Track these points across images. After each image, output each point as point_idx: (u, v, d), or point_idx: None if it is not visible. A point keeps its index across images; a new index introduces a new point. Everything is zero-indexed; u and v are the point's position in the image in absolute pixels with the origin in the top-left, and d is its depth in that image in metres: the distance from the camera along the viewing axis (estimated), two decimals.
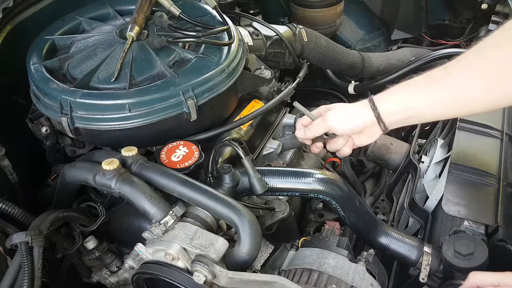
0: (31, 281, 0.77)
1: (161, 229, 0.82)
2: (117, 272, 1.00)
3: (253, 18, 1.44)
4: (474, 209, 0.94)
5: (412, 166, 1.27)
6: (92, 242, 0.97)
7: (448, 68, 0.83)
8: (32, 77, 0.99)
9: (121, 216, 0.98)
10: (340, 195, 0.96)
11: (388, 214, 1.36)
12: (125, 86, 0.94)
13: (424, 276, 0.89)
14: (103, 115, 0.92)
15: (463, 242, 0.87)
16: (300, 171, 0.96)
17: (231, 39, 1.07)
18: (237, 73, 1.05)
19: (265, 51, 1.34)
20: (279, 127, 1.26)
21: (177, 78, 0.96)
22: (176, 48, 1.04)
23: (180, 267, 0.79)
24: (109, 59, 1.00)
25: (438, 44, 2.01)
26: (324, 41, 1.54)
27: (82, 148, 1.11)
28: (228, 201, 0.84)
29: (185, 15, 1.08)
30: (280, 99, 1.16)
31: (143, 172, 0.88)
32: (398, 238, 0.96)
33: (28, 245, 0.80)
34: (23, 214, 0.90)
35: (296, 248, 0.96)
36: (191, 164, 0.91)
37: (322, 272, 0.85)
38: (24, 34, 1.11)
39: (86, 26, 1.13)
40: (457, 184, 1.00)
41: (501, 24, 0.77)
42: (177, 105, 0.94)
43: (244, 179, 0.95)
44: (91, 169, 0.88)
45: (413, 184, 1.20)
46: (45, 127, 1.05)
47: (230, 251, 0.82)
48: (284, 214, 1.03)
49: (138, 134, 0.95)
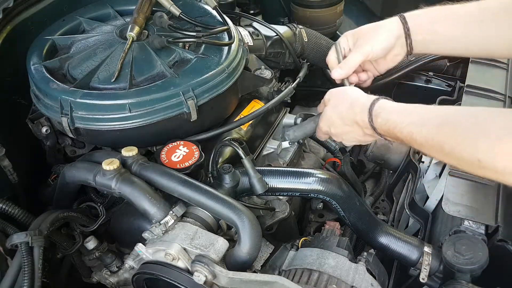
0: (31, 281, 0.77)
1: (161, 229, 0.82)
2: (117, 272, 1.00)
3: (253, 18, 1.44)
4: (474, 209, 0.94)
5: (412, 166, 1.27)
6: (92, 242, 0.97)
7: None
8: (32, 77, 0.99)
9: (122, 216, 0.98)
10: (340, 195, 0.96)
11: (388, 214, 1.36)
12: (125, 86, 0.94)
13: (424, 276, 0.89)
14: (103, 115, 0.92)
15: (463, 242, 0.87)
16: (300, 171, 0.96)
17: (231, 39, 1.07)
18: (237, 73, 1.05)
19: (265, 51, 1.34)
20: (279, 127, 1.26)
21: (177, 78, 0.96)
22: (176, 48, 1.04)
23: (180, 267, 0.79)
24: (109, 59, 1.00)
25: None
26: (324, 41, 1.53)
27: (82, 148, 1.11)
28: (228, 201, 0.84)
29: (185, 15, 1.08)
30: (280, 99, 1.16)
31: (143, 172, 0.88)
32: (398, 238, 0.96)
33: (28, 245, 0.80)
34: (23, 214, 0.90)
35: (296, 248, 0.96)
36: (191, 164, 0.91)
37: (322, 272, 0.85)
38: (24, 34, 1.11)
39: (86, 26, 1.13)
40: (457, 184, 0.99)
41: None
42: (177, 105, 0.94)
43: (244, 179, 0.95)
44: (91, 169, 0.88)
45: (413, 184, 1.20)
46: (45, 127, 1.05)
47: (230, 251, 0.82)
48: (284, 214, 1.03)
49: (138, 134, 0.95)
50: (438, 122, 0.76)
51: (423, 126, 0.78)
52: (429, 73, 1.64)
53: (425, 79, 1.64)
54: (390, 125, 0.83)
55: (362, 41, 1.02)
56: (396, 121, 0.83)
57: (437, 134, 0.75)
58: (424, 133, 0.77)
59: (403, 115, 0.82)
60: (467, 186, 0.99)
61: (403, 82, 1.62)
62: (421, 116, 0.80)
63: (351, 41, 1.06)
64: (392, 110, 0.85)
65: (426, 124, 0.77)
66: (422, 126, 0.78)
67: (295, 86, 1.26)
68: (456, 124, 0.74)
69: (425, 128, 0.77)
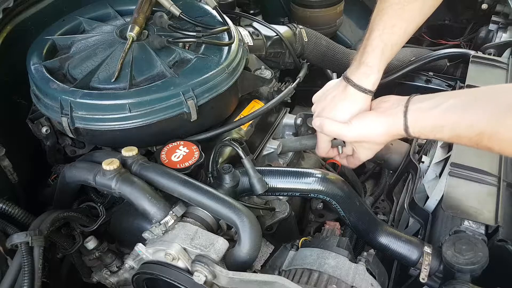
0: (31, 281, 0.77)
1: (161, 229, 0.82)
2: (117, 272, 1.00)
3: (253, 18, 1.44)
4: (474, 209, 0.94)
5: (412, 166, 1.27)
6: (92, 242, 0.97)
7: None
8: (32, 77, 0.99)
9: (122, 216, 0.98)
10: (340, 195, 0.96)
11: (388, 214, 1.36)
12: (125, 86, 0.94)
13: (424, 276, 0.89)
14: (103, 115, 0.92)
15: (463, 242, 0.87)
16: (301, 171, 0.96)
17: (231, 39, 1.07)
18: (237, 73, 1.05)
19: (265, 51, 1.34)
20: (279, 127, 1.26)
21: (177, 78, 0.96)
22: (176, 48, 1.04)
23: (180, 267, 0.79)
24: (109, 59, 1.00)
25: (438, 44, 2.01)
26: (324, 41, 1.53)
27: (82, 148, 1.11)
28: (229, 201, 0.84)
29: (185, 15, 1.08)
30: (280, 99, 1.16)
31: (143, 172, 0.88)
32: (398, 238, 0.96)
33: (28, 245, 0.80)
34: (23, 214, 0.90)
35: (296, 248, 0.96)
36: (191, 164, 0.92)
37: (322, 272, 0.85)
38: (24, 34, 1.11)
39: (86, 26, 1.13)
40: (457, 184, 0.99)
41: (501, 24, 0.78)
42: (177, 105, 0.94)
43: (244, 179, 0.95)
44: (91, 169, 0.88)
45: (413, 184, 1.20)
46: (45, 127, 1.05)
47: (230, 251, 0.82)
48: (284, 214, 1.03)
49: (138, 134, 0.95)
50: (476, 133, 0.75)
51: (462, 137, 0.77)
52: (429, 73, 1.64)
53: (425, 79, 1.64)
54: (433, 138, 0.84)
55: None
56: (435, 137, 0.83)
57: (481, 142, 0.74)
58: (467, 142, 0.77)
59: (440, 133, 0.81)
60: (467, 186, 0.99)
61: (403, 82, 1.62)
62: (456, 130, 0.79)
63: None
64: (425, 132, 0.84)
65: (465, 136, 0.77)
66: (462, 137, 0.77)
67: (295, 86, 1.26)
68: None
69: (465, 138, 0.77)
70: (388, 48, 0.93)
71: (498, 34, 1.69)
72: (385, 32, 0.92)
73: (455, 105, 0.79)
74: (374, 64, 0.94)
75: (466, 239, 0.87)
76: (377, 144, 0.95)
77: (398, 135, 0.88)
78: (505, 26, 1.71)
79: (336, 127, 0.95)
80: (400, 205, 1.29)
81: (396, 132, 0.87)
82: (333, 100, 0.98)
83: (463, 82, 1.29)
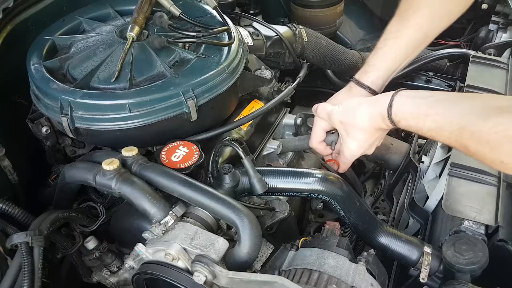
0: (31, 281, 0.77)
1: (161, 229, 0.82)
2: (117, 272, 1.00)
3: (253, 18, 1.44)
4: (474, 209, 0.94)
5: (412, 166, 1.27)
6: (92, 242, 0.97)
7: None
8: (32, 77, 0.99)
9: (121, 216, 0.98)
10: (340, 195, 0.96)
11: (388, 214, 1.36)
12: (125, 86, 0.94)
13: (424, 276, 0.89)
14: (104, 115, 0.92)
15: (463, 242, 0.87)
16: (300, 171, 0.96)
17: (231, 39, 1.07)
18: (237, 73, 1.05)
19: (265, 51, 1.34)
20: (279, 127, 1.26)
21: (177, 78, 0.96)
22: (176, 48, 1.04)
23: (180, 267, 0.79)
24: (109, 59, 1.00)
25: (438, 44, 2.00)
26: (324, 41, 1.53)
27: (82, 148, 1.11)
28: (228, 201, 0.84)
29: (185, 15, 1.08)
30: (280, 99, 1.16)
31: (143, 172, 0.88)
32: (398, 238, 0.96)
33: (28, 246, 0.80)
34: (23, 214, 0.90)
35: (296, 248, 0.96)
36: (191, 164, 0.92)
37: (322, 272, 0.85)
38: (24, 34, 1.11)
39: (86, 26, 1.13)
40: (457, 184, 1.00)
41: (501, 24, 0.79)
42: (177, 105, 0.94)
43: (244, 179, 0.95)
44: (91, 169, 0.88)
45: (413, 184, 1.20)
46: (45, 127, 1.05)
47: (230, 251, 0.82)
48: (284, 214, 1.03)
49: (138, 134, 0.95)
50: (459, 127, 0.76)
51: (443, 130, 0.79)
52: (429, 73, 1.64)
53: (425, 79, 1.64)
54: (412, 129, 0.85)
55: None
56: (416, 126, 0.84)
57: (460, 138, 0.76)
58: (446, 137, 0.79)
59: (422, 121, 0.82)
60: (467, 186, 0.99)
61: (403, 82, 1.62)
62: (438, 122, 0.80)
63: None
64: (408, 117, 0.85)
65: (446, 130, 0.78)
66: (443, 130, 0.79)
67: (295, 86, 1.26)
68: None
69: (446, 132, 0.78)
70: (391, 51, 1.02)
71: (498, 34, 1.69)
72: (390, 37, 1.03)
73: (445, 98, 0.81)
74: (375, 63, 1.04)
75: (466, 239, 0.87)
76: (362, 130, 0.95)
77: (380, 121, 0.89)
78: (505, 26, 1.71)
79: (328, 107, 1.02)
80: (400, 205, 1.29)
81: (379, 116, 0.89)
82: (339, 95, 1.13)
83: (463, 82, 1.29)
